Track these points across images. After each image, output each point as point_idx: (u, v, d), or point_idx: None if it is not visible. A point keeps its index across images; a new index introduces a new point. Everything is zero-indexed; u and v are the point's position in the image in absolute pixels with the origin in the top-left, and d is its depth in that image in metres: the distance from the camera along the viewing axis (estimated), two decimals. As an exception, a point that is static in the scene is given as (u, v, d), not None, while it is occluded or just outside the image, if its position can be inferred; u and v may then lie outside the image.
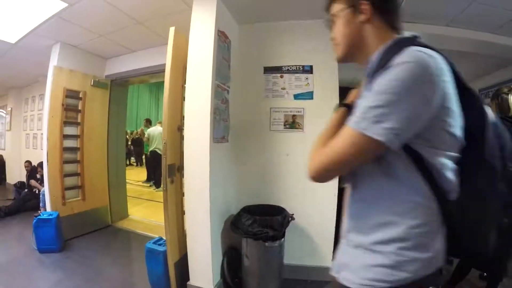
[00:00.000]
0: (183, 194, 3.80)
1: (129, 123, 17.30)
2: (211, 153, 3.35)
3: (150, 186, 10.79)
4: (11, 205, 7.22)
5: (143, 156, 15.15)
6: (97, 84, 6.01)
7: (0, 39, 5.30)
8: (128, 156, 16.22)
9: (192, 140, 3.42)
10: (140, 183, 11.50)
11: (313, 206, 4.08)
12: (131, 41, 5.33)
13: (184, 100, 3.67)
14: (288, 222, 3.60)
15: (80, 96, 5.77)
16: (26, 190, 7.89)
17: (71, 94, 5.59)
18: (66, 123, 5.53)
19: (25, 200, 7.47)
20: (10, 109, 10.34)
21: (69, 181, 5.65)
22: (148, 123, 11.84)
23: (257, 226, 3.43)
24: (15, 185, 8.84)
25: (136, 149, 16.07)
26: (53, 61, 5.47)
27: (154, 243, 3.87)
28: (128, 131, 16.15)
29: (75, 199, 5.74)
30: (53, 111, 5.32)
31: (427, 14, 4.08)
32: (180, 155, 3.72)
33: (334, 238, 4.07)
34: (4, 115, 11.16)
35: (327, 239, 4.08)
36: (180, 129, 3.70)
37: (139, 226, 6.32)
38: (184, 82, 3.64)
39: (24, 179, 8.59)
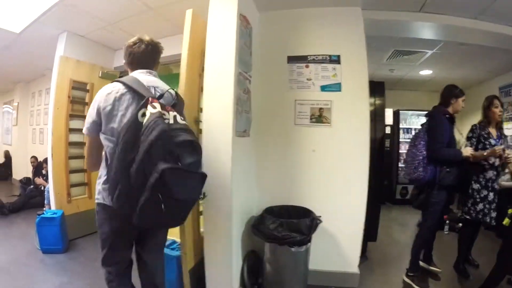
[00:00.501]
0: (199, 193, 3.36)
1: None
2: (233, 148, 2.94)
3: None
4: (16, 202, 6.90)
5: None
6: (106, 75, 5.54)
7: (4, 28, 4.90)
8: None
9: (212, 133, 2.99)
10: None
11: (340, 207, 3.70)
12: (142, 30, 4.66)
13: (201, 90, 3.23)
14: (316, 225, 3.20)
15: (88, 88, 5.35)
16: (31, 186, 7.57)
17: (78, 86, 5.18)
18: (72, 116, 5.11)
19: (30, 196, 7.14)
20: (16, 104, 10.09)
21: (75, 177, 5.23)
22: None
23: (283, 230, 3.04)
24: (20, 181, 8.62)
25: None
26: (59, 51, 5.06)
27: (167, 247, 3.44)
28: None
29: (81, 196, 5.32)
30: (58, 103, 4.90)
31: (456, 5, 3.81)
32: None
33: (362, 242, 3.77)
34: (10, 110, 10.95)
35: (353, 243, 3.74)
36: (198, 121, 3.24)
37: (149, 225, 5.82)
38: (202, 70, 3.21)
39: (30, 175, 8.28)
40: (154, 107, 1.78)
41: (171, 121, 1.83)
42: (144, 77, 2.12)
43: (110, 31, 4.91)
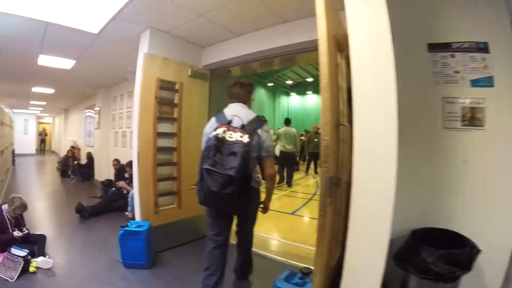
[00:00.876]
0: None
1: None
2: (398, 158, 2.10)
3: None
4: (97, 205, 6.46)
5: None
6: (196, 74, 4.81)
7: (81, 29, 4.34)
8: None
9: (367, 142, 2.13)
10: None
11: (491, 231, 2.71)
12: (237, 21, 4.08)
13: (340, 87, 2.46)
14: (476, 255, 2.37)
15: (176, 88, 4.60)
16: (113, 189, 7.06)
17: (165, 85, 4.44)
18: (160, 119, 4.39)
19: (112, 200, 6.66)
20: (98, 108, 9.94)
21: (163, 185, 4.50)
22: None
23: (442, 263, 2.27)
24: (102, 182, 8.39)
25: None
26: (143, 48, 4.39)
27: (286, 280, 2.68)
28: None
29: (169, 206, 4.59)
30: (144, 105, 4.20)
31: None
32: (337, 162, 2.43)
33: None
34: (93, 114, 10.89)
35: (495, 275, 2.73)
36: (340, 126, 2.38)
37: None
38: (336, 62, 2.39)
39: (111, 177, 7.98)
40: (217, 131, 2.50)
41: (233, 138, 2.46)
42: (232, 107, 2.83)
43: (199, 24, 4.12)
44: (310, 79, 27.12)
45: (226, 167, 2.35)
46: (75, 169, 11.25)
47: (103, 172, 9.52)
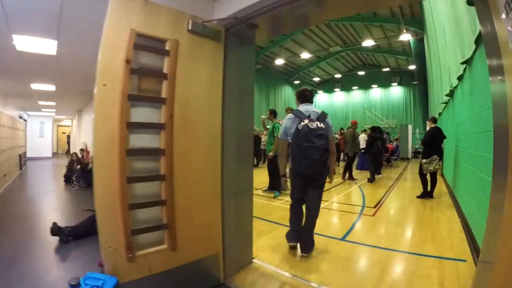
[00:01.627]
0: None
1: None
2: None
3: (275, 197, 7.45)
4: (82, 224, 4.82)
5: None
6: (202, 30, 2.85)
7: None
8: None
9: None
10: (260, 193, 7.83)
11: None
12: None
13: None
14: None
15: (167, 48, 2.66)
16: None
17: (147, 43, 2.55)
18: (135, 99, 2.50)
19: None
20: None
21: (143, 214, 2.58)
22: (273, 115, 8.09)
23: None
24: None
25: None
26: None
27: None
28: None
29: (155, 248, 2.63)
30: (106, 75, 2.37)
31: None
32: None
33: None
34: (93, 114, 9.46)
35: None
36: None
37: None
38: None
39: None
40: (304, 122, 3.65)
41: (315, 126, 3.61)
42: (305, 107, 3.95)
43: None
44: (338, 75, 26.46)
45: (317, 144, 3.56)
46: (78, 174, 9.91)
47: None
